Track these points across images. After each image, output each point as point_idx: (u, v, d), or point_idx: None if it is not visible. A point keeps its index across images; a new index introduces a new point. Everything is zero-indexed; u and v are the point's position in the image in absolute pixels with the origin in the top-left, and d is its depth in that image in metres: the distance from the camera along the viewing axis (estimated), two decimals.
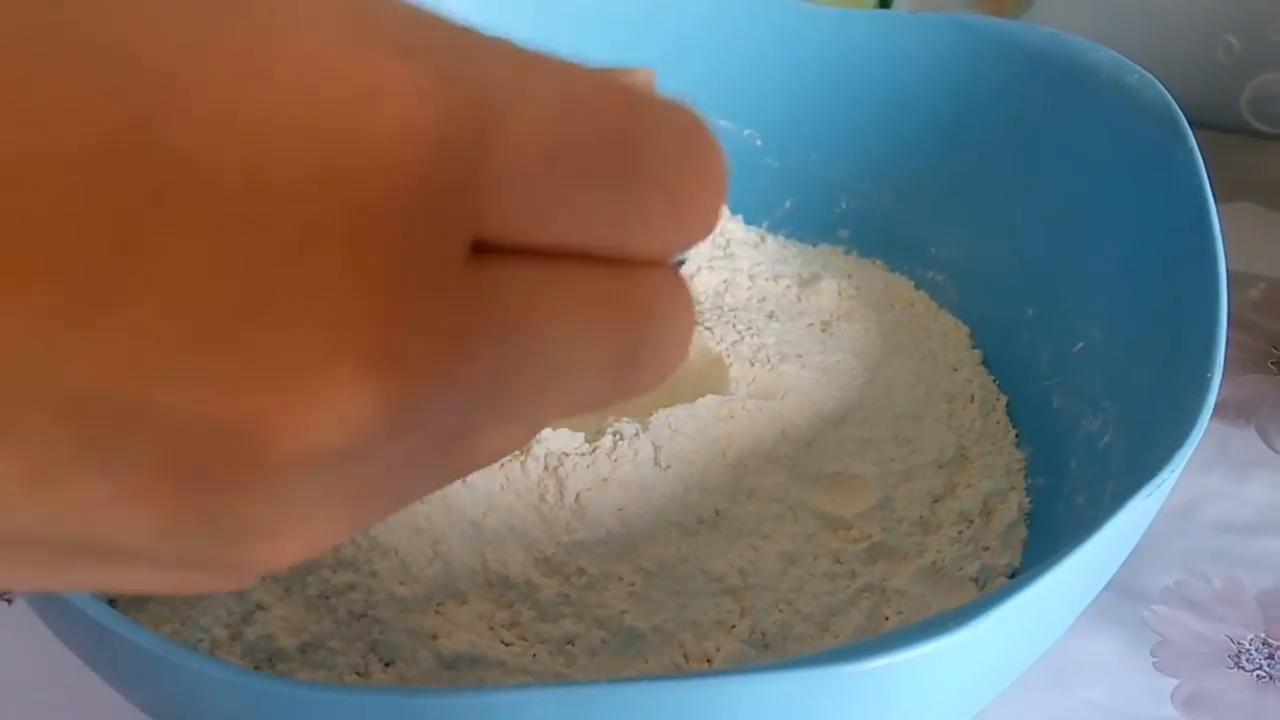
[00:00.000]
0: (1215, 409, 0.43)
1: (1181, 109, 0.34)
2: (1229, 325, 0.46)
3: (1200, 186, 0.31)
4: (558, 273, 0.14)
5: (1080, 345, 0.35)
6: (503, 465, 0.30)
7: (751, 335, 0.35)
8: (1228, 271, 0.48)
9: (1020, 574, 0.29)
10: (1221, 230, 0.31)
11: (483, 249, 0.13)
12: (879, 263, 0.42)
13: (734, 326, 0.36)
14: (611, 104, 0.14)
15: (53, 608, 0.25)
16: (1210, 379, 0.27)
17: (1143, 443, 0.30)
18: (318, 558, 0.29)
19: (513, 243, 0.13)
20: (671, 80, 0.44)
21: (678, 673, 0.28)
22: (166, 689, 0.24)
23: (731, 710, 0.22)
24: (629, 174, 0.15)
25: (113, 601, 0.31)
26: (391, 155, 0.12)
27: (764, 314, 0.37)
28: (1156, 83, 0.35)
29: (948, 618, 0.21)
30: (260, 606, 0.28)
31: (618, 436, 0.31)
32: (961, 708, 0.27)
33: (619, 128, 0.14)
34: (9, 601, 0.36)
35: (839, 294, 0.38)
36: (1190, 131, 0.33)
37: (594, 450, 0.30)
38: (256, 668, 0.28)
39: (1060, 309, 0.36)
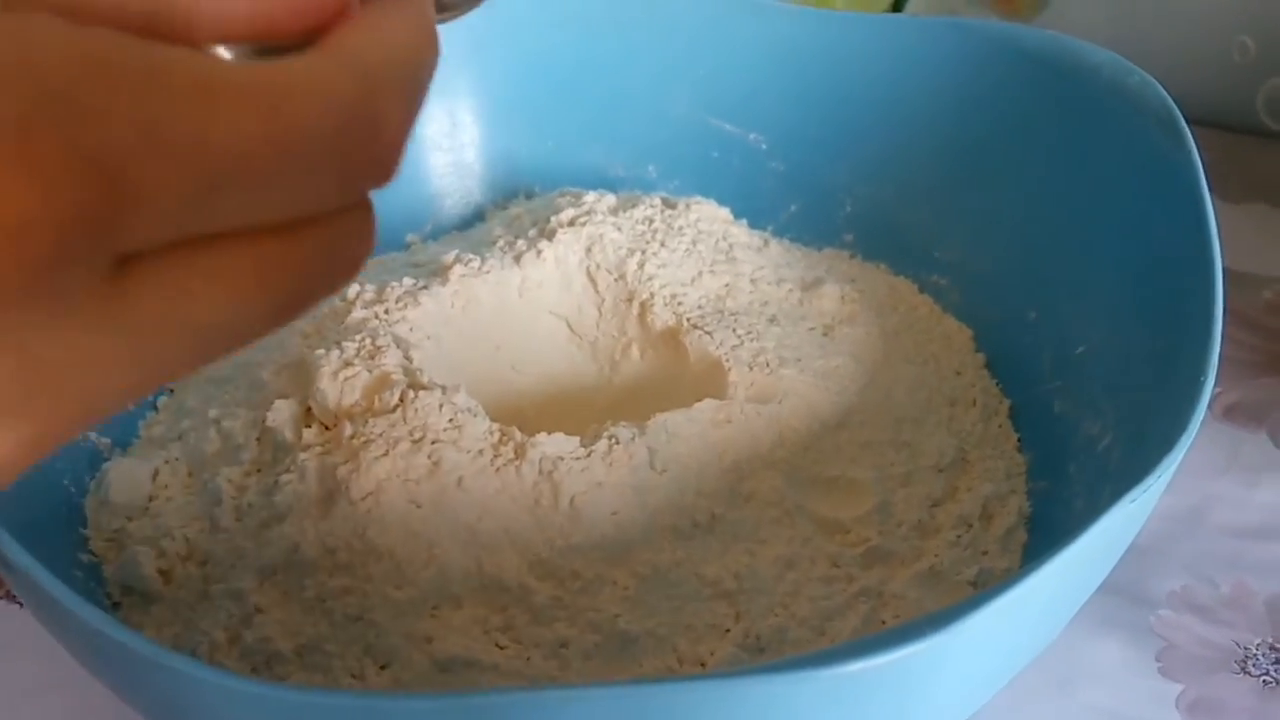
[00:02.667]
0: (1226, 413, 0.43)
1: (1197, 109, 0.34)
2: (1240, 328, 0.46)
3: (1198, 189, 0.31)
4: (213, 257, 0.16)
5: (1081, 348, 0.35)
6: (498, 469, 0.30)
7: (751, 339, 0.35)
8: (1240, 273, 0.47)
9: None
10: (1221, 232, 0.31)
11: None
12: (883, 266, 0.42)
13: (734, 331, 0.36)
14: (256, 116, 0.16)
15: (55, 616, 0.25)
16: (1204, 383, 0.27)
17: (1140, 447, 0.29)
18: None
19: (168, 243, 0.16)
20: (676, 85, 0.44)
21: (670, 676, 0.28)
22: (167, 695, 0.24)
23: (715, 712, 0.22)
24: (279, 171, 0.16)
25: (117, 605, 0.31)
26: (16, 244, 0.14)
27: (765, 318, 0.37)
28: (1157, 85, 0.34)
29: (930, 621, 0.21)
30: (258, 610, 0.29)
31: (613, 440, 0.31)
32: (955, 708, 0.27)
33: (266, 137, 0.16)
34: (20, 604, 0.36)
35: (841, 298, 0.39)
36: (1190, 134, 0.33)
37: (589, 454, 0.30)
38: (254, 671, 0.28)
39: (1061, 312, 0.36)
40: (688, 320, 0.36)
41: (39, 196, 0.14)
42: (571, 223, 0.38)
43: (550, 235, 0.38)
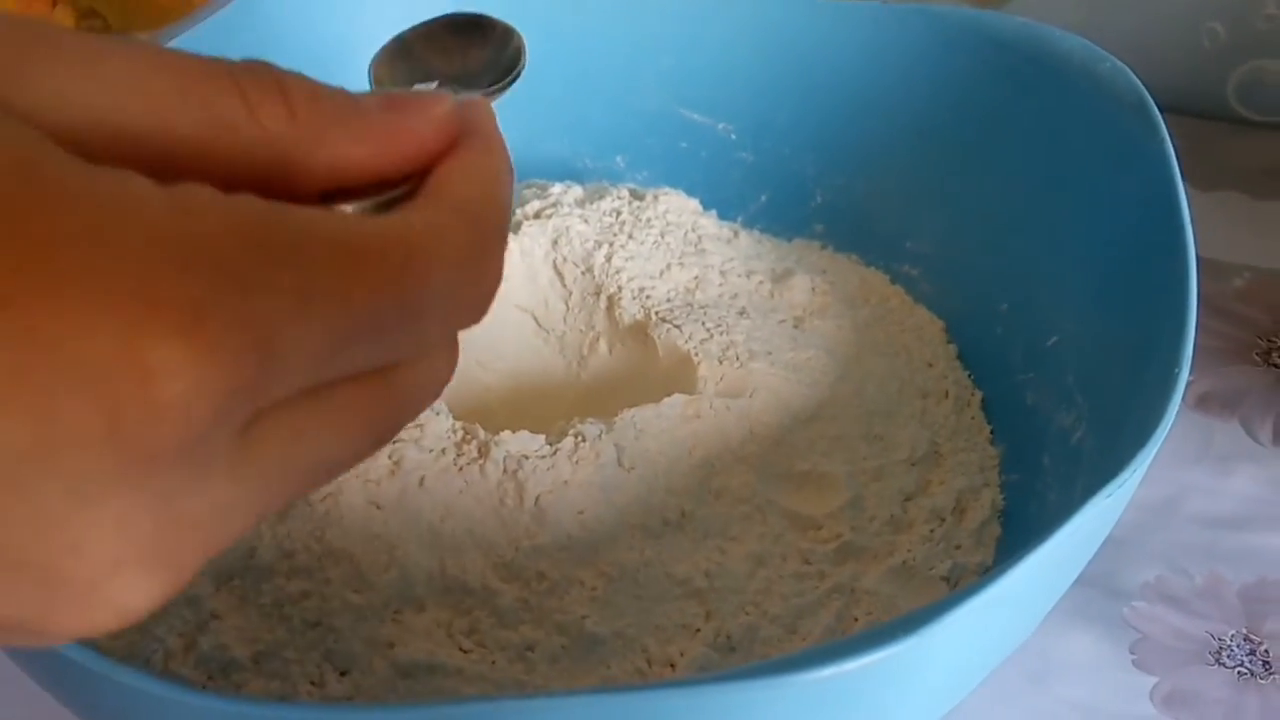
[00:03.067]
0: (1199, 401, 0.43)
1: (1168, 96, 0.33)
2: (1211, 316, 0.46)
3: (1171, 177, 0.31)
4: (326, 400, 0.17)
5: (1053, 339, 0.35)
6: (461, 469, 0.29)
7: (721, 333, 0.35)
8: (1212, 260, 0.47)
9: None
10: (1193, 219, 0.30)
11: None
12: (854, 257, 0.41)
13: (703, 324, 0.35)
14: (389, 276, 0.16)
15: None
16: (1178, 374, 0.26)
17: (1113, 439, 0.29)
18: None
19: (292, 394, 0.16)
20: (644, 75, 0.44)
21: (639, 678, 0.28)
22: (120, 709, 0.24)
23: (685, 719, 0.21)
24: (402, 324, 0.17)
25: None
26: (175, 416, 0.14)
27: (735, 311, 0.36)
28: (1129, 71, 0.34)
29: (904, 623, 0.21)
30: (215, 616, 0.28)
31: (579, 438, 0.30)
32: (929, 707, 0.26)
33: (397, 293, 0.16)
34: None
35: (812, 290, 0.38)
36: (1162, 121, 0.32)
37: (555, 452, 0.30)
38: (210, 678, 0.27)
39: (1033, 302, 0.36)
40: (656, 314, 0.36)
41: (203, 371, 0.14)
42: (538, 215, 0.38)
43: (516, 228, 0.37)
